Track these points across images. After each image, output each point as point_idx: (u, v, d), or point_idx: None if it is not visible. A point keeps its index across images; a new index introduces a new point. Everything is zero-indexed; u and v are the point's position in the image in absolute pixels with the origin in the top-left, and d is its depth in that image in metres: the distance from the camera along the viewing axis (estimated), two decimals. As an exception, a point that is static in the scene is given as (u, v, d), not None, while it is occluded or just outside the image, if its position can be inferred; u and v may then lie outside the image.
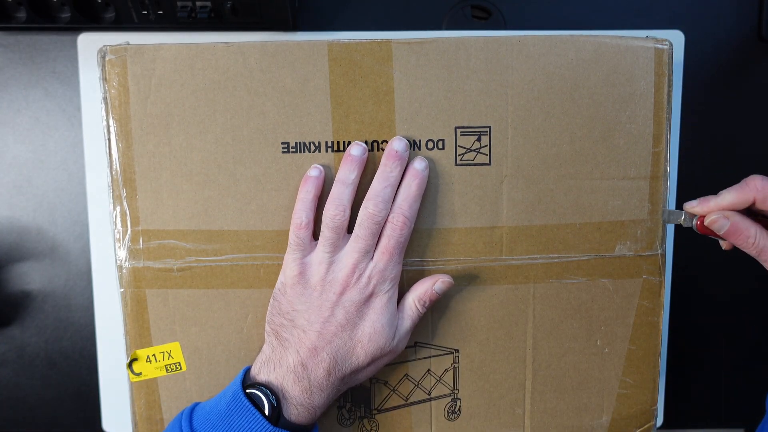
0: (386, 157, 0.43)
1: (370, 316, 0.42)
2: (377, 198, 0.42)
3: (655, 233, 0.46)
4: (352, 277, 0.42)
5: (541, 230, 0.46)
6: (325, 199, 0.43)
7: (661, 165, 0.45)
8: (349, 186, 0.43)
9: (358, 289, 0.42)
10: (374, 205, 0.42)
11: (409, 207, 0.43)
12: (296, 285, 0.42)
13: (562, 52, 0.44)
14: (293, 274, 0.42)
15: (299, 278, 0.42)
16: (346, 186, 0.42)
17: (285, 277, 0.43)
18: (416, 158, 0.44)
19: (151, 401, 0.46)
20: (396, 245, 0.42)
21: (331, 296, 0.42)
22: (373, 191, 0.42)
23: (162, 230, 0.45)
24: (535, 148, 0.45)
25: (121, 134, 0.44)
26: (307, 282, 0.42)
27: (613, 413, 0.48)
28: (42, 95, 0.55)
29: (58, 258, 0.56)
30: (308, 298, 0.42)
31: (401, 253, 0.43)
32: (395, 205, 0.43)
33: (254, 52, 0.44)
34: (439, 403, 0.48)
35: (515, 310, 0.47)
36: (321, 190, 0.44)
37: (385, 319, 0.42)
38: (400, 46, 0.44)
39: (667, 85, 0.45)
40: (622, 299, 0.47)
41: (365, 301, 0.42)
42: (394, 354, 0.44)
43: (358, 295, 0.42)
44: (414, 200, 0.43)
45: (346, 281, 0.42)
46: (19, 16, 0.51)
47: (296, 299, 0.42)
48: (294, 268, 0.42)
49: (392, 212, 0.43)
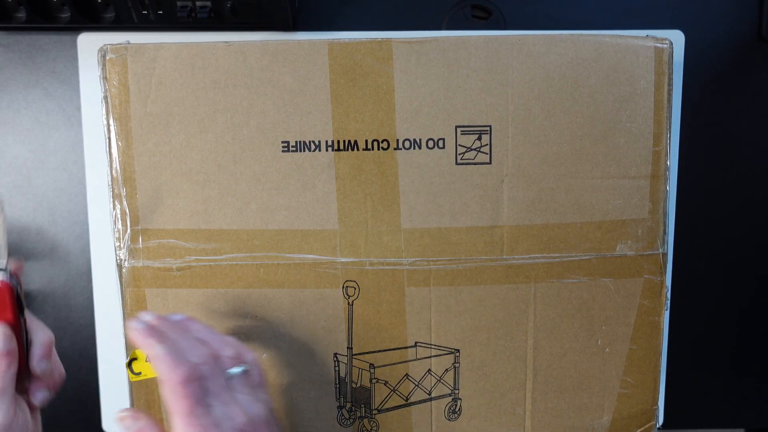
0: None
1: None
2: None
3: (656, 232, 0.46)
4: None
5: (541, 229, 0.46)
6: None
7: (661, 164, 0.45)
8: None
9: None
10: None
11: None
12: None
13: (563, 52, 0.44)
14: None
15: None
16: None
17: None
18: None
19: (151, 401, 0.46)
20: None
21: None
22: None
23: (162, 229, 0.45)
24: (536, 147, 0.45)
25: (121, 133, 0.44)
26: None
27: (614, 413, 0.48)
28: (42, 95, 0.55)
29: (58, 258, 0.56)
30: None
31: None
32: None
33: (254, 51, 0.44)
34: (439, 403, 0.48)
35: (516, 309, 0.47)
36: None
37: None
38: (401, 46, 0.44)
39: (667, 84, 0.45)
40: (623, 299, 0.47)
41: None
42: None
43: None
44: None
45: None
46: (19, 16, 0.51)
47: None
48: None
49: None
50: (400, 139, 0.45)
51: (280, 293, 0.46)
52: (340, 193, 0.45)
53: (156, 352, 0.38)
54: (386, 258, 0.46)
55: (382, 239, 0.46)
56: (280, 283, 0.46)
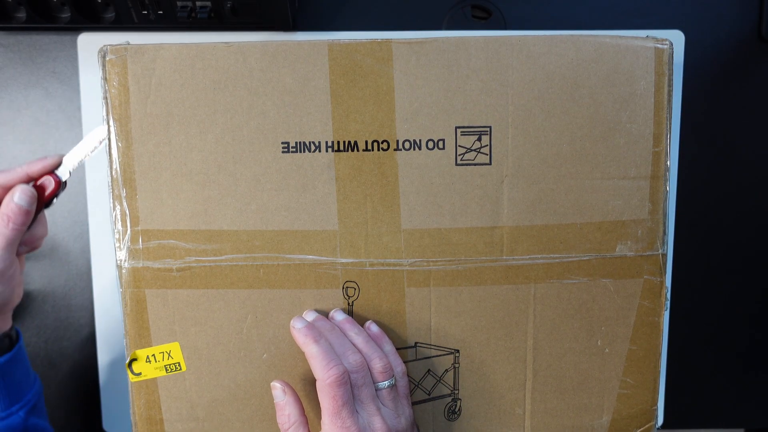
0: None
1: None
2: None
3: (656, 233, 0.46)
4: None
5: (541, 230, 0.46)
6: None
7: (661, 164, 0.45)
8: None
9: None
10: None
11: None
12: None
13: (563, 52, 0.44)
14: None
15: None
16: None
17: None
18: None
19: (151, 401, 0.46)
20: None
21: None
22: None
23: (162, 230, 0.45)
24: (536, 148, 0.45)
25: (121, 134, 0.44)
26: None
27: (613, 413, 0.48)
28: (42, 95, 0.55)
29: (58, 258, 0.56)
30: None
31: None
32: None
33: (254, 51, 0.44)
34: (439, 403, 0.48)
35: (516, 310, 0.47)
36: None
37: None
38: (401, 46, 0.44)
39: (667, 85, 0.45)
40: (623, 299, 0.47)
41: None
42: None
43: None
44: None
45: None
46: (19, 16, 0.51)
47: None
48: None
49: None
50: (400, 139, 0.45)
51: (280, 294, 0.46)
52: (340, 193, 0.45)
53: (311, 350, 0.41)
54: (386, 258, 0.46)
55: (382, 240, 0.46)
56: (280, 283, 0.46)
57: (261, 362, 0.46)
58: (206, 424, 0.47)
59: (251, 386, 0.46)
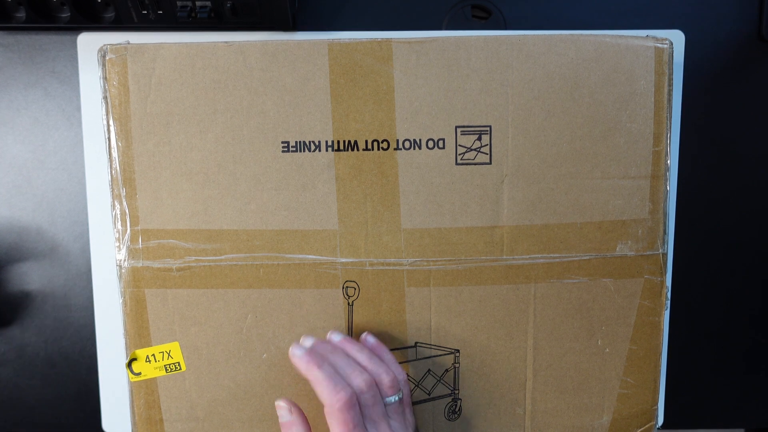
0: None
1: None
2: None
3: (656, 233, 0.46)
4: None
5: (541, 230, 0.46)
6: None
7: (661, 164, 0.45)
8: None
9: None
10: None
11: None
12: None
13: (563, 52, 0.44)
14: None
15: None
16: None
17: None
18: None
19: (151, 401, 0.46)
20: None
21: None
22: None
23: (161, 230, 0.45)
24: (536, 148, 0.45)
25: (121, 133, 0.44)
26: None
27: (613, 413, 0.48)
28: (42, 95, 0.55)
29: (57, 258, 0.56)
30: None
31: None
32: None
33: (254, 51, 0.44)
34: (439, 403, 0.48)
35: (516, 310, 0.47)
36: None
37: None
38: (401, 46, 0.44)
39: (667, 84, 0.45)
40: (623, 299, 0.47)
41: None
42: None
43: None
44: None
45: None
46: (19, 15, 0.51)
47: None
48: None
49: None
50: (400, 139, 0.45)
51: (280, 293, 0.46)
52: (340, 193, 0.45)
53: (316, 376, 0.40)
54: (386, 258, 0.46)
55: (382, 239, 0.46)
56: (280, 283, 0.46)
57: (261, 362, 0.46)
58: (206, 424, 0.47)
59: (251, 386, 0.46)
